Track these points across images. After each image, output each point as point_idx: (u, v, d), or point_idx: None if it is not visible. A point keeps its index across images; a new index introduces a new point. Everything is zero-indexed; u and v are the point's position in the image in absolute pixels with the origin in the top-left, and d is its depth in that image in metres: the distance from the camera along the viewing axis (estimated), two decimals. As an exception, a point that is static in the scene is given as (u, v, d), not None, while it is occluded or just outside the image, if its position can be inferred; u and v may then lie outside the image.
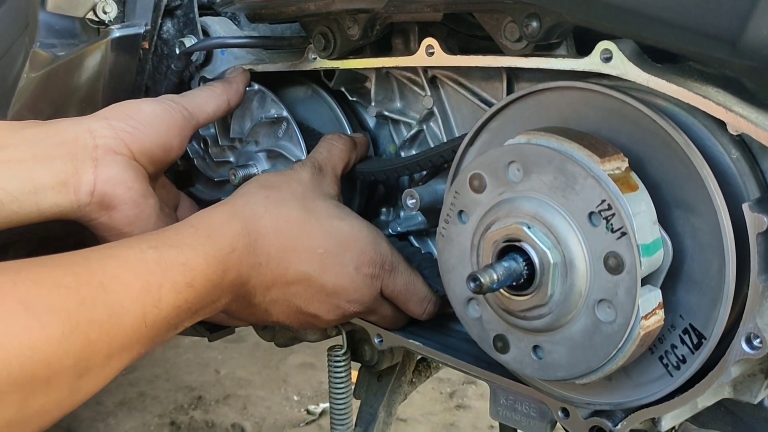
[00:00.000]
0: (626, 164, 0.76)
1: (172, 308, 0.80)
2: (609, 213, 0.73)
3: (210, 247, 0.85)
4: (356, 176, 1.09)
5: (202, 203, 1.22)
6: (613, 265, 0.74)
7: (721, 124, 0.74)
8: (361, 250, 0.96)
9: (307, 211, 0.95)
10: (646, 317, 0.74)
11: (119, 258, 0.79)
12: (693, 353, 0.77)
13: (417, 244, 1.11)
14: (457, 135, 1.03)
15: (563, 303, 0.77)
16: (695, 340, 0.77)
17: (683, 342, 0.78)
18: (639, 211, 0.73)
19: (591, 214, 0.75)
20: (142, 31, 1.17)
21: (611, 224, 0.73)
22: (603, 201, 0.74)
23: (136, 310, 0.76)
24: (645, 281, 0.75)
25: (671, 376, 0.79)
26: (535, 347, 0.82)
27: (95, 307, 0.73)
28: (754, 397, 0.84)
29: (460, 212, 0.86)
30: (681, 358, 0.78)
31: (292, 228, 0.93)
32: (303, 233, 0.94)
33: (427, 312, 1.02)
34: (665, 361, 0.79)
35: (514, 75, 0.94)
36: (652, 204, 0.75)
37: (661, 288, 0.76)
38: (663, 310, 0.76)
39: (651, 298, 0.75)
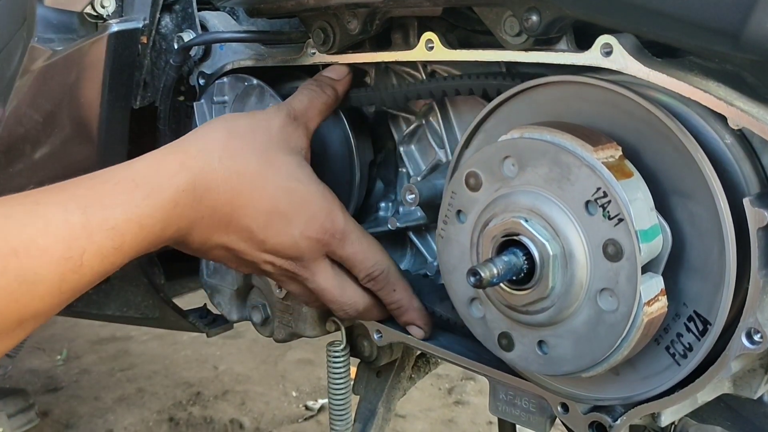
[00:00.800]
0: (620, 152, 0.76)
1: (94, 273, 0.79)
2: (605, 200, 0.73)
3: (148, 207, 0.83)
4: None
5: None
6: (612, 252, 0.74)
7: (716, 113, 0.74)
8: (311, 215, 0.95)
9: (266, 165, 0.93)
10: (648, 303, 0.74)
11: (42, 219, 0.77)
12: (699, 340, 0.77)
13: (416, 240, 1.10)
14: (457, 131, 1.03)
15: (565, 295, 0.77)
16: (700, 327, 0.77)
17: (689, 329, 0.78)
18: (635, 197, 0.73)
19: (587, 202, 0.75)
20: (140, 25, 1.17)
21: (608, 211, 0.73)
22: (598, 189, 0.74)
23: (52, 278, 0.75)
24: (646, 268, 0.74)
25: (679, 365, 0.79)
26: (540, 342, 0.82)
27: (4, 274, 0.73)
28: (754, 392, 0.84)
29: (458, 212, 0.86)
30: (687, 346, 0.78)
31: (243, 183, 0.91)
32: (255, 189, 0.92)
33: (373, 279, 1.00)
34: (672, 350, 0.79)
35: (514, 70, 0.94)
36: (649, 191, 0.75)
37: (663, 276, 0.76)
38: (665, 296, 0.76)
39: (653, 284, 0.75)
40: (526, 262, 0.79)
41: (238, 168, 0.91)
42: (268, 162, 0.93)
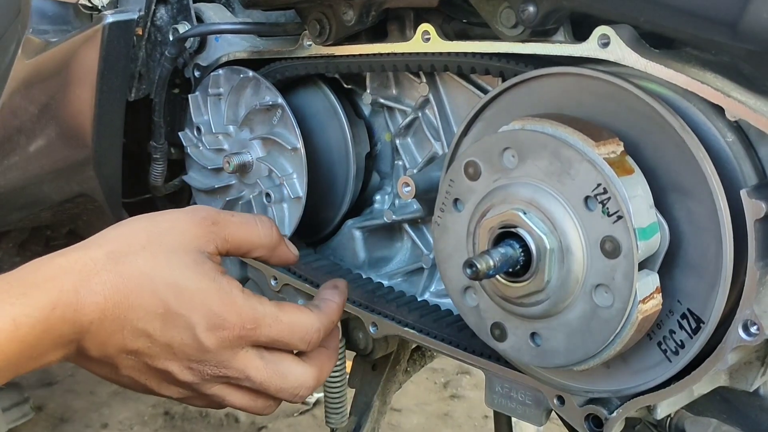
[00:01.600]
0: (621, 148, 0.76)
1: None
2: (605, 197, 0.73)
3: (23, 305, 0.79)
4: None
5: (196, 191, 1.22)
6: (610, 249, 0.74)
7: (718, 109, 0.74)
8: (208, 312, 0.87)
9: (153, 264, 0.87)
10: (643, 301, 0.74)
11: None
12: (691, 338, 0.77)
13: (412, 233, 1.10)
14: (453, 123, 1.03)
15: (560, 288, 0.77)
16: (693, 325, 0.77)
17: (681, 327, 0.78)
18: (635, 194, 0.73)
19: (587, 198, 0.74)
20: (135, 17, 1.16)
21: (607, 208, 0.73)
22: (599, 185, 0.73)
23: None
24: (642, 265, 0.74)
25: (670, 361, 0.79)
26: (533, 334, 0.82)
27: None
28: (750, 385, 0.84)
29: (456, 200, 0.85)
30: (679, 343, 0.78)
31: (129, 284, 0.85)
32: (142, 290, 0.85)
33: (313, 344, 0.93)
34: (663, 346, 0.79)
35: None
36: (648, 188, 0.75)
37: (658, 273, 0.76)
38: (660, 294, 0.76)
39: (648, 282, 0.74)
40: (522, 254, 0.78)
41: (123, 271, 0.85)
42: (155, 260, 0.87)
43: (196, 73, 1.20)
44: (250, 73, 1.12)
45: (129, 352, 0.87)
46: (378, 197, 1.15)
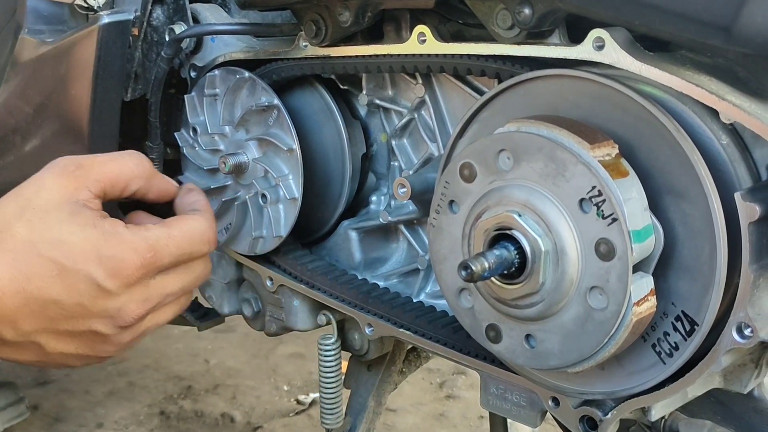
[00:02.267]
0: (616, 150, 0.76)
1: None
2: (599, 199, 0.73)
3: None
4: None
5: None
6: (605, 251, 0.74)
7: (712, 112, 0.74)
8: (103, 257, 0.85)
9: (34, 230, 0.85)
10: (638, 303, 0.74)
11: None
12: (686, 340, 0.77)
13: (408, 234, 1.10)
14: (449, 125, 1.03)
15: (555, 291, 0.77)
16: (688, 327, 0.77)
17: (676, 329, 0.78)
18: (630, 197, 0.73)
19: (582, 200, 0.75)
20: (131, 17, 1.16)
21: (602, 210, 0.73)
22: (593, 187, 0.73)
23: None
24: (636, 268, 0.75)
25: (664, 363, 0.79)
26: (528, 336, 0.82)
27: None
28: (744, 387, 0.85)
29: (451, 202, 0.86)
30: (674, 345, 0.78)
31: (18, 258, 0.83)
32: (32, 261, 0.84)
33: (212, 242, 0.94)
34: (658, 348, 0.79)
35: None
36: (643, 190, 0.75)
37: (652, 275, 0.76)
38: (655, 296, 0.76)
39: (643, 284, 0.75)
40: (517, 256, 0.79)
41: (3, 246, 0.84)
42: (32, 226, 0.85)
43: (192, 74, 1.20)
44: (246, 74, 1.12)
45: (45, 326, 0.86)
46: (374, 198, 1.15)
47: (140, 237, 0.88)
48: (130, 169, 0.94)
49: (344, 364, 1.23)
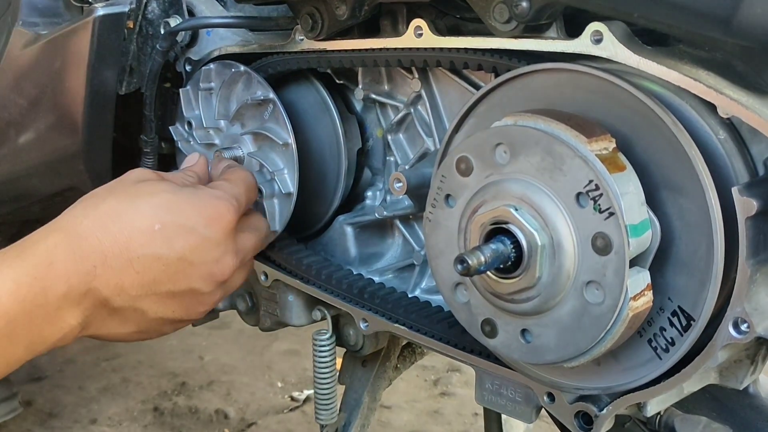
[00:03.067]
0: (614, 144, 0.76)
1: None
2: (596, 193, 0.73)
3: (19, 266, 0.81)
4: None
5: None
6: (601, 245, 0.73)
7: (710, 106, 0.74)
8: (201, 205, 0.92)
9: (128, 197, 0.91)
10: (634, 298, 0.74)
11: None
12: (682, 335, 0.77)
13: (403, 229, 1.10)
14: (445, 119, 1.03)
15: (551, 285, 0.77)
16: (684, 323, 0.77)
17: (672, 324, 0.78)
18: (627, 191, 0.73)
19: (578, 194, 0.74)
20: (126, 10, 1.15)
21: (599, 205, 0.73)
22: (590, 181, 0.73)
23: None
24: (633, 262, 0.74)
25: (660, 359, 0.79)
26: (524, 331, 0.82)
27: None
28: (740, 383, 0.85)
29: (447, 196, 0.85)
30: (670, 340, 0.78)
31: (116, 220, 0.87)
32: (132, 219, 0.88)
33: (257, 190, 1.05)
34: (654, 344, 0.79)
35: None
36: (640, 185, 0.75)
37: (649, 270, 0.76)
38: (651, 291, 0.75)
39: (639, 279, 0.74)
40: (513, 250, 0.78)
41: (104, 210, 0.88)
42: (129, 193, 0.91)
43: (188, 67, 1.19)
44: (242, 68, 1.11)
45: (149, 290, 0.88)
46: (369, 193, 1.15)
47: (222, 189, 0.96)
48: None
49: (339, 361, 1.23)
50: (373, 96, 1.09)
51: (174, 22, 1.17)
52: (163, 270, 0.88)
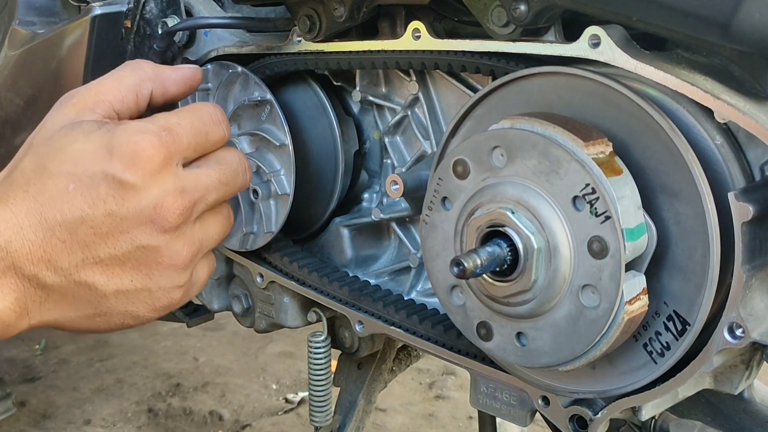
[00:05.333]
0: (610, 148, 0.76)
1: None
2: (593, 197, 0.73)
3: None
4: None
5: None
6: (597, 249, 0.73)
7: (706, 111, 0.74)
8: (112, 146, 0.79)
9: (37, 158, 0.79)
10: (630, 302, 0.74)
11: None
12: (677, 340, 0.77)
13: (400, 232, 1.10)
14: (442, 122, 1.03)
15: (547, 288, 0.77)
16: (679, 327, 0.77)
17: (667, 329, 0.78)
18: (623, 195, 0.73)
19: (575, 198, 0.74)
20: (124, 9, 1.15)
21: (595, 208, 0.73)
22: (587, 185, 0.73)
23: None
24: (629, 266, 0.74)
25: (655, 363, 0.79)
26: (519, 334, 0.82)
27: None
28: (735, 388, 0.85)
29: (444, 199, 0.85)
30: (665, 345, 0.78)
31: (27, 188, 0.78)
32: (44, 185, 0.78)
33: (219, 116, 0.88)
34: (649, 348, 0.79)
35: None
36: (637, 189, 0.75)
37: (645, 274, 0.76)
38: (647, 295, 0.76)
39: (635, 283, 0.74)
40: (509, 253, 0.78)
41: (15, 177, 0.80)
42: (36, 153, 0.81)
43: (185, 68, 1.19)
44: (239, 69, 1.11)
45: (84, 256, 0.78)
46: (366, 195, 1.15)
47: (148, 121, 0.82)
48: (129, 75, 0.88)
49: (334, 363, 1.23)
50: (371, 98, 1.09)
51: (171, 22, 1.17)
52: (92, 232, 0.77)
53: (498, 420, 1.47)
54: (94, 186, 0.77)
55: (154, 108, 0.91)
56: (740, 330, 0.73)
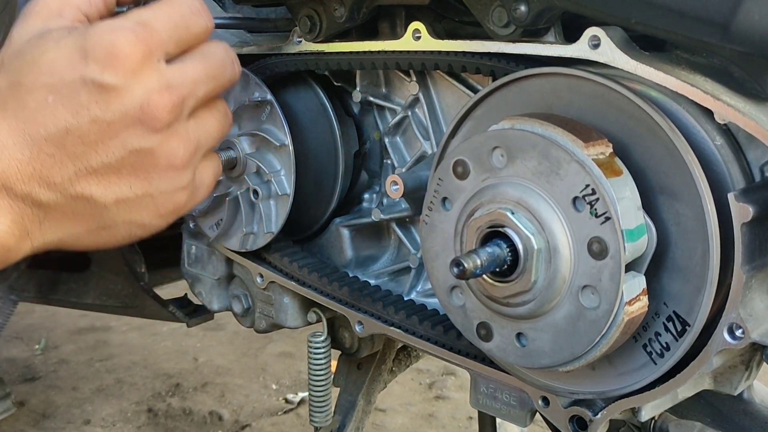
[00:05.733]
0: (610, 149, 0.76)
1: None
2: (593, 198, 0.73)
3: None
4: None
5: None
6: (597, 250, 0.73)
7: (706, 111, 0.74)
8: (87, 45, 0.74)
9: (11, 73, 0.76)
10: (630, 303, 0.74)
11: None
12: (677, 340, 0.77)
13: (400, 232, 1.10)
14: (442, 122, 1.03)
15: (547, 289, 0.77)
16: (679, 328, 0.77)
17: (667, 329, 0.78)
18: (623, 196, 0.73)
19: (575, 199, 0.74)
20: (125, 9, 1.15)
21: (595, 209, 0.73)
22: (587, 186, 0.73)
23: None
24: (629, 267, 0.74)
25: (655, 363, 0.79)
26: (519, 335, 0.82)
27: None
28: (734, 388, 0.85)
29: (444, 199, 0.85)
30: (665, 345, 0.78)
31: (5, 106, 0.74)
32: (23, 102, 0.74)
33: (197, 6, 0.82)
34: (649, 349, 0.79)
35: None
36: (636, 190, 0.75)
37: (645, 275, 0.76)
38: (647, 296, 0.76)
39: (635, 284, 0.74)
40: (509, 254, 0.78)
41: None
42: (10, 68, 0.77)
43: (185, 68, 1.19)
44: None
45: (76, 169, 0.75)
46: (366, 196, 1.15)
47: (122, 19, 0.77)
48: None
49: (334, 363, 1.23)
50: (371, 99, 1.09)
51: (172, 22, 1.17)
52: (80, 142, 0.74)
53: (498, 420, 1.47)
54: (74, 93, 0.74)
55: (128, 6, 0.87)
56: (740, 330, 0.74)
